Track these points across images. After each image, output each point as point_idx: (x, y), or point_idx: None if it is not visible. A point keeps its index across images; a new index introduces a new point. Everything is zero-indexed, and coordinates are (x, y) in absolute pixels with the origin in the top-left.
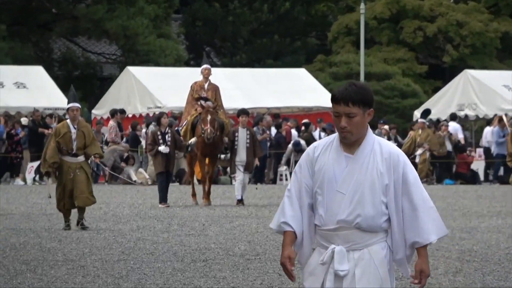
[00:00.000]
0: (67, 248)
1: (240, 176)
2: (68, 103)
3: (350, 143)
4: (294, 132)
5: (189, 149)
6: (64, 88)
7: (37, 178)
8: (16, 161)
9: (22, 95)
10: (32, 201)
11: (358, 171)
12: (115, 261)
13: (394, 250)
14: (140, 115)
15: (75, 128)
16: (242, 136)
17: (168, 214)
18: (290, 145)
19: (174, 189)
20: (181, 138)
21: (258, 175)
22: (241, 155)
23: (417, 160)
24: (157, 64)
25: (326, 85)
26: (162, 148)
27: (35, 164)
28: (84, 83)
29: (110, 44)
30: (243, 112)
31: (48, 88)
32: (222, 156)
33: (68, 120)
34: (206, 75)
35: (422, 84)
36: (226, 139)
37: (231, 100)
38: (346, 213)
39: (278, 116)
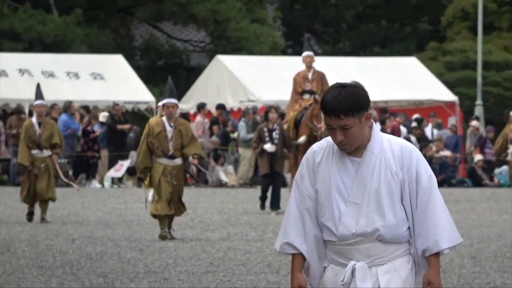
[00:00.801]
0: (149, 258)
1: None
2: (164, 98)
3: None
4: (402, 128)
5: (298, 148)
6: (146, 80)
7: (116, 179)
8: (93, 161)
9: (99, 87)
10: (110, 206)
11: (370, 175)
12: (202, 273)
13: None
14: (231, 109)
15: (171, 126)
16: None
17: (262, 220)
18: None
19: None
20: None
21: None
22: None
23: (509, 158)
24: (250, 52)
25: (439, 76)
26: (268, 147)
27: (126, 162)
28: (169, 73)
29: (198, 30)
30: None
31: (129, 79)
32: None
33: (163, 117)
34: (309, 63)
35: None
36: None
37: None
38: (364, 225)
39: (386, 111)
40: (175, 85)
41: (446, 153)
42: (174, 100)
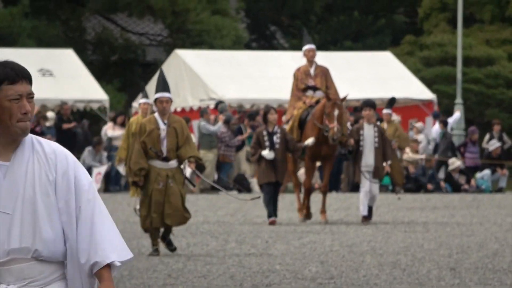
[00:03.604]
0: None
1: (366, 186)
2: (156, 91)
3: (4, 147)
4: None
5: (304, 151)
6: (99, 76)
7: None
8: None
9: (48, 84)
10: None
11: (23, 182)
12: (160, 286)
13: (70, 282)
14: (191, 108)
15: (165, 123)
16: (369, 134)
17: (224, 229)
18: None
19: (232, 198)
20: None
21: (333, 181)
22: (368, 158)
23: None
24: (211, 46)
25: (416, 72)
26: (266, 154)
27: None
28: (123, 70)
29: (155, 22)
30: (368, 104)
31: (80, 76)
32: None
33: (156, 114)
34: (311, 58)
35: None
36: (351, 140)
37: None
38: (19, 240)
39: (358, 110)
40: (129, 82)
41: (422, 156)
42: (167, 94)
